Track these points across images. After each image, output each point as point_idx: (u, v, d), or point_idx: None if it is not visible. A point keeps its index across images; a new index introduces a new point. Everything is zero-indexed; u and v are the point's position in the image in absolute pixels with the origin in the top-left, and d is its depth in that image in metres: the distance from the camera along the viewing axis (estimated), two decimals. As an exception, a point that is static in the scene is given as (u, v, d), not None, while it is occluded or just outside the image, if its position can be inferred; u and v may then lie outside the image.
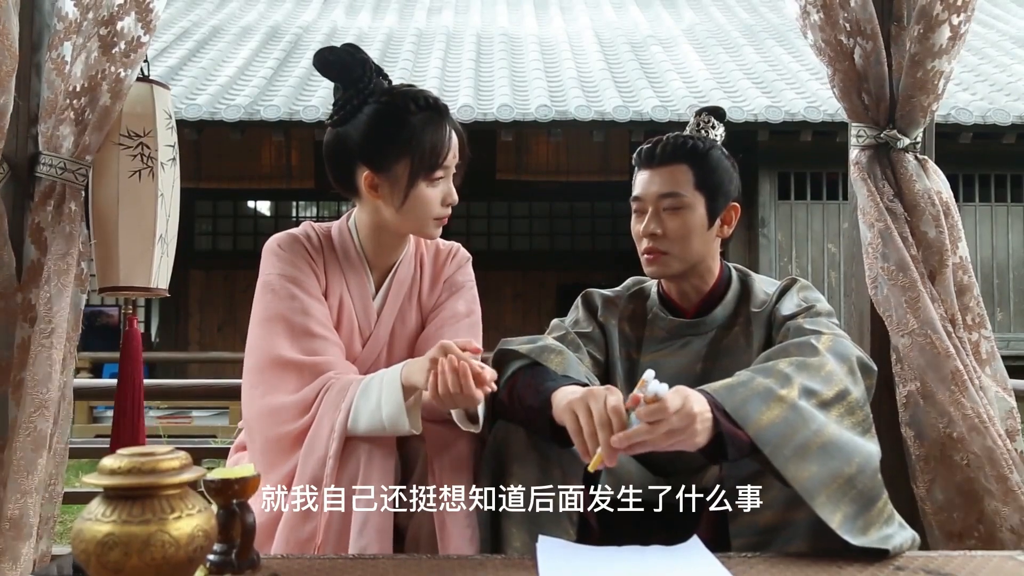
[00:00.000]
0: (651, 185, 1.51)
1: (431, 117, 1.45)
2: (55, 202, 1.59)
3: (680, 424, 1.11)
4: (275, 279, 1.48)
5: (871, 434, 1.26)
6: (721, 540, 1.26)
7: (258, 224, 9.57)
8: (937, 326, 1.65)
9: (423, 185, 1.46)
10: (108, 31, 1.57)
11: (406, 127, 1.44)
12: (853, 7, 1.70)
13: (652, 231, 1.49)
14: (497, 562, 1.17)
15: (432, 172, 1.45)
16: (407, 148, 1.44)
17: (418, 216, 1.48)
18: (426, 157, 1.44)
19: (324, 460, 1.31)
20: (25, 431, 1.51)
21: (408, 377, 1.33)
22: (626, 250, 7.71)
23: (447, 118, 1.48)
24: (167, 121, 1.74)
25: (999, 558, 1.21)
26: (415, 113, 1.44)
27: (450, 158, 1.47)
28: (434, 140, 1.44)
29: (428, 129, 1.44)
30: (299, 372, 1.40)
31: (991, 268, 7.02)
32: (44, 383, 1.52)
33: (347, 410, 1.34)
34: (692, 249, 1.50)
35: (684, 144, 1.50)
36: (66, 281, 1.56)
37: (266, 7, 10.48)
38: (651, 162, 1.52)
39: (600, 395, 1.16)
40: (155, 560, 0.86)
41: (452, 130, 1.48)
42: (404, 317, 1.58)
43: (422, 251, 1.63)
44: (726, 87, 7.34)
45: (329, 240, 1.57)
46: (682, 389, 1.15)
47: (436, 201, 1.48)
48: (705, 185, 1.49)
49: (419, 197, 1.46)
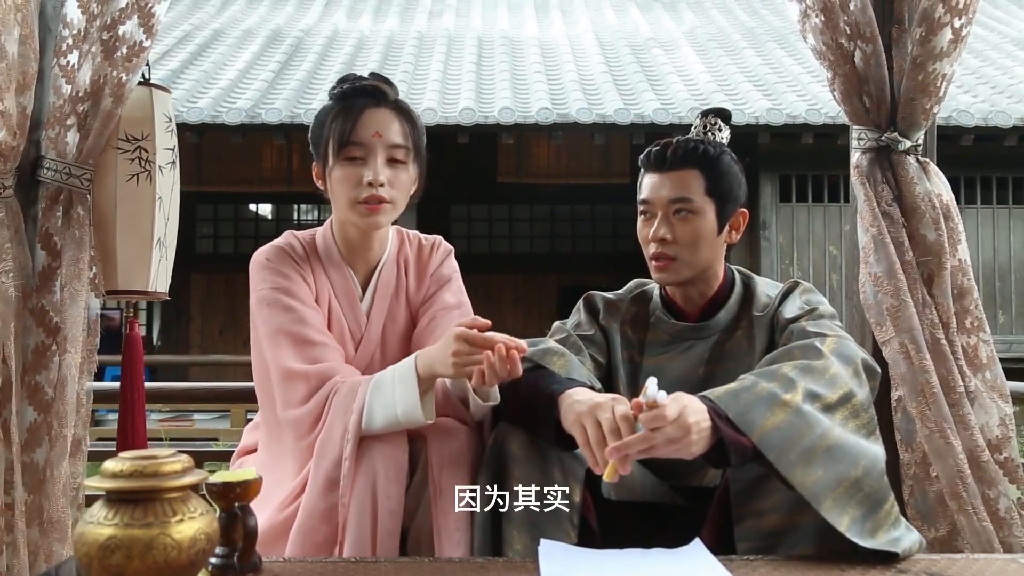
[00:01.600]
0: (661, 189, 1.49)
1: (354, 100, 1.47)
2: (63, 207, 1.60)
3: (676, 434, 1.10)
4: (268, 292, 1.49)
5: (876, 436, 1.25)
6: (726, 544, 1.25)
7: (259, 227, 9.58)
8: (917, 336, 1.65)
9: (338, 165, 1.47)
10: (110, 36, 1.58)
11: (329, 112, 1.49)
12: (853, 10, 1.70)
13: (662, 236, 1.47)
14: (499, 565, 1.17)
15: (341, 150, 1.46)
16: (323, 131, 1.48)
17: (340, 200, 1.49)
18: (335, 135, 1.45)
19: (339, 462, 1.31)
20: (50, 435, 1.53)
21: (428, 368, 1.33)
22: (627, 252, 7.63)
23: (380, 103, 1.48)
24: (166, 124, 1.74)
25: (1001, 561, 1.21)
26: (339, 98, 1.49)
27: (363, 136, 1.45)
28: (345, 118, 1.45)
29: (341, 110, 1.47)
30: (306, 381, 1.40)
31: (992, 271, 7.01)
32: (63, 387, 1.54)
33: (359, 410, 1.34)
34: (701, 255, 1.49)
35: (696, 149, 1.48)
36: (79, 286, 1.58)
37: (267, 11, 10.50)
38: (661, 166, 1.50)
39: (607, 405, 1.16)
40: (157, 563, 0.86)
41: (379, 111, 1.47)
42: (394, 316, 1.58)
43: (405, 250, 1.64)
44: (727, 90, 7.34)
45: (313, 246, 1.58)
46: (681, 397, 1.14)
47: (352, 181, 1.46)
48: (715, 191, 1.48)
49: (336, 178, 1.48)
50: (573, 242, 9.56)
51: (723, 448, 1.14)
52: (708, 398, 1.18)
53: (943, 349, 1.67)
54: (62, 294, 1.57)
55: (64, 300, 1.56)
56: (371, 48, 8.79)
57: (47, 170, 1.59)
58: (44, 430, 1.54)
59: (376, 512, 1.28)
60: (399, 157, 1.49)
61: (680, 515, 1.29)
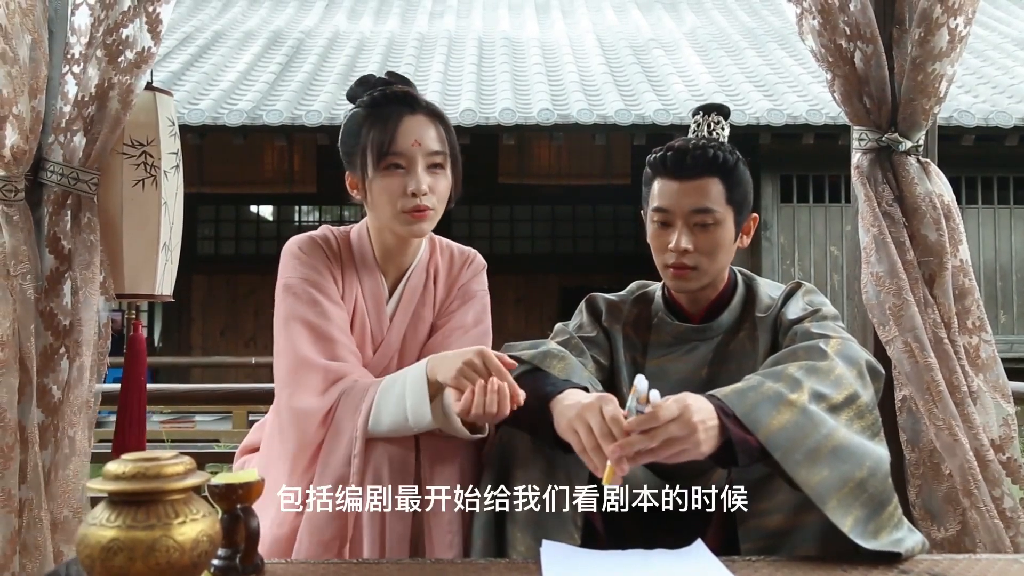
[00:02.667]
0: (682, 198, 1.45)
1: (389, 109, 1.44)
2: (71, 211, 1.60)
3: (680, 433, 1.10)
4: (296, 282, 1.48)
5: (880, 438, 1.25)
6: (730, 544, 1.25)
7: (260, 229, 9.59)
8: (921, 335, 1.65)
9: (378, 176, 1.44)
10: (115, 40, 1.58)
11: (363, 121, 1.45)
12: (853, 11, 1.70)
13: (684, 248, 1.44)
14: (501, 566, 1.17)
15: (381, 161, 1.43)
16: (359, 140, 1.45)
17: (382, 210, 1.47)
18: (374, 146, 1.43)
19: (348, 459, 1.31)
20: (56, 437, 1.53)
21: (433, 371, 1.33)
22: (628, 253, 7.66)
23: (415, 110, 1.45)
24: (170, 128, 1.74)
25: (1004, 561, 1.21)
26: (370, 105, 1.45)
27: (403, 145, 1.43)
28: (383, 128, 1.42)
29: (378, 118, 1.44)
30: (322, 374, 1.40)
31: (994, 271, 7.01)
32: (72, 390, 1.54)
33: (367, 411, 1.34)
34: (719, 263, 1.48)
35: (716, 158, 1.45)
36: (92, 290, 1.58)
37: (268, 12, 10.51)
38: (679, 173, 1.46)
39: (595, 407, 1.15)
40: (159, 565, 0.86)
41: (415, 118, 1.44)
42: (416, 325, 1.57)
43: (436, 258, 1.62)
44: (728, 90, 7.34)
45: (348, 244, 1.56)
46: (685, 397, 1.14)
47: (396, 192, 1.44)
48: (734, 199, 1.47)
49: (377, 189, 1.45)
50: (574, 243, 9.56)
51: (731, 447, 1.14)
52: (715, 396, 1.18)
53: (946, 348, 1.67)
54: (74, 298, 1.57)
55: (77, 304, 1.57)
56: (372, 49, 8.80)
57: (51, 173, 1.59)
58: (51, 432, 1.54)
59: (384, 515, 1.28)
60: (438, 162, 1.47)
61: (683, 517, 1.29)
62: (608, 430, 1.12)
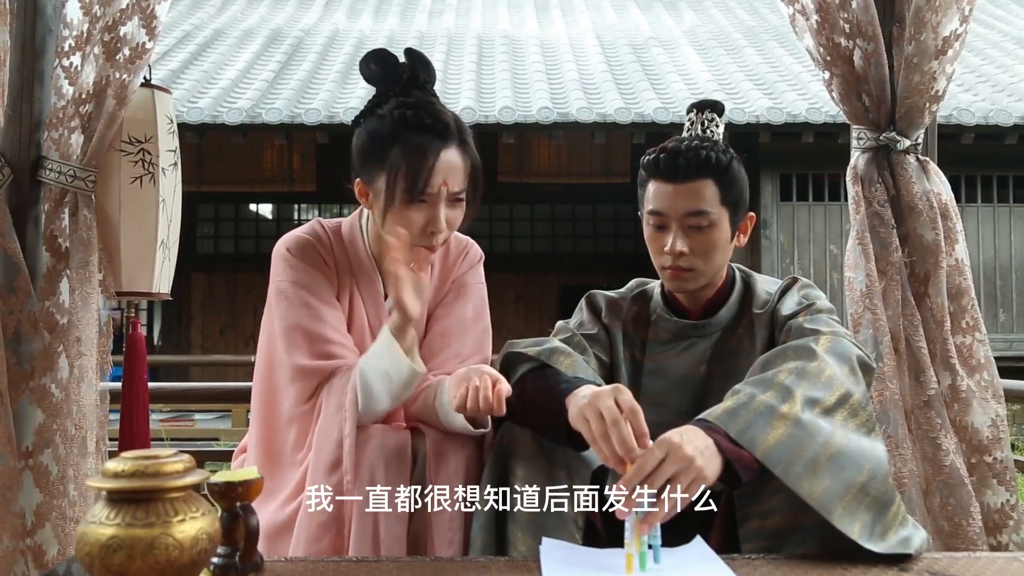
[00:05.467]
0: (676, 201, 1.44)
1: (423, 140, 1.36)
2: (69, 210, 1.59)
3: (678, 467, 1.09)
4: (288, 287, 1.46)
5: (876, 433, 1.25)
6: (731, 544, 1.25)
7: (260, 227, 9.59)
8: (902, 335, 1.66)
9: (401, 207, 1.39)
10: (112, 37, 1.57)
11: (393, 145, 1.37)
12: (854, 8, 1.70)
13: (680, 250, 1.44)
14: (500, 564, 1.17)
15: (408, 196, 1.37)
16: (386, 167, 1.37)
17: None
18: (401, 180, 1.36)
19: (340, 441, 1.31)
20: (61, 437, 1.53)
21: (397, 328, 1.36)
22: (628, 252, 7.66)
23: (447, 143, 1.38)
24: (168, 126, 1.74)
25: (1003, 559, 1.21)
26: (409, 133, 1.37)
27: (434, 186, 1.37)
28: (416, 165, 1.35)
29: (414, 152, 1.36)
30: (318, 376, 1.40)
31: (993, 269, 7.01)
32: (76, 389, 1.54)
33: (353, 388, 1.35)
34: (715, 264, 1.48)
35: (708, 159, 1.44)
36: (90, 289, 1.58)
37: (267, 10, 10.50)
38: (672, 176, 1.45)
39: (608, 394, 1.15)
40: (159, 563, 0.86)
41: (447, 152, 1.38)
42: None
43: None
44: (727, 88, 7.34)
45: (340, 240, 1.53)
46: (666, 436, 1.12)
47: (416, 225, 1.39)
48: (728, 199, 1.46)
49: (397, 219, 1.39)
50: (574, 242, 9.56)
51: (732, 467, 1.14)
52: (705, 420, 1.17)
53: (933, 349, 1.68)
54: (72, 297, 1.56)
55: (75, 303, 1.56)
56: (371, 48, 8.78)
57: (49, 171, 1.59)
58: (52, 432, 1.53)
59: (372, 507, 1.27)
60: (459, 197, 1.43)
61: (684, 517, 1.29)
62: (618, 418, 1.12)
